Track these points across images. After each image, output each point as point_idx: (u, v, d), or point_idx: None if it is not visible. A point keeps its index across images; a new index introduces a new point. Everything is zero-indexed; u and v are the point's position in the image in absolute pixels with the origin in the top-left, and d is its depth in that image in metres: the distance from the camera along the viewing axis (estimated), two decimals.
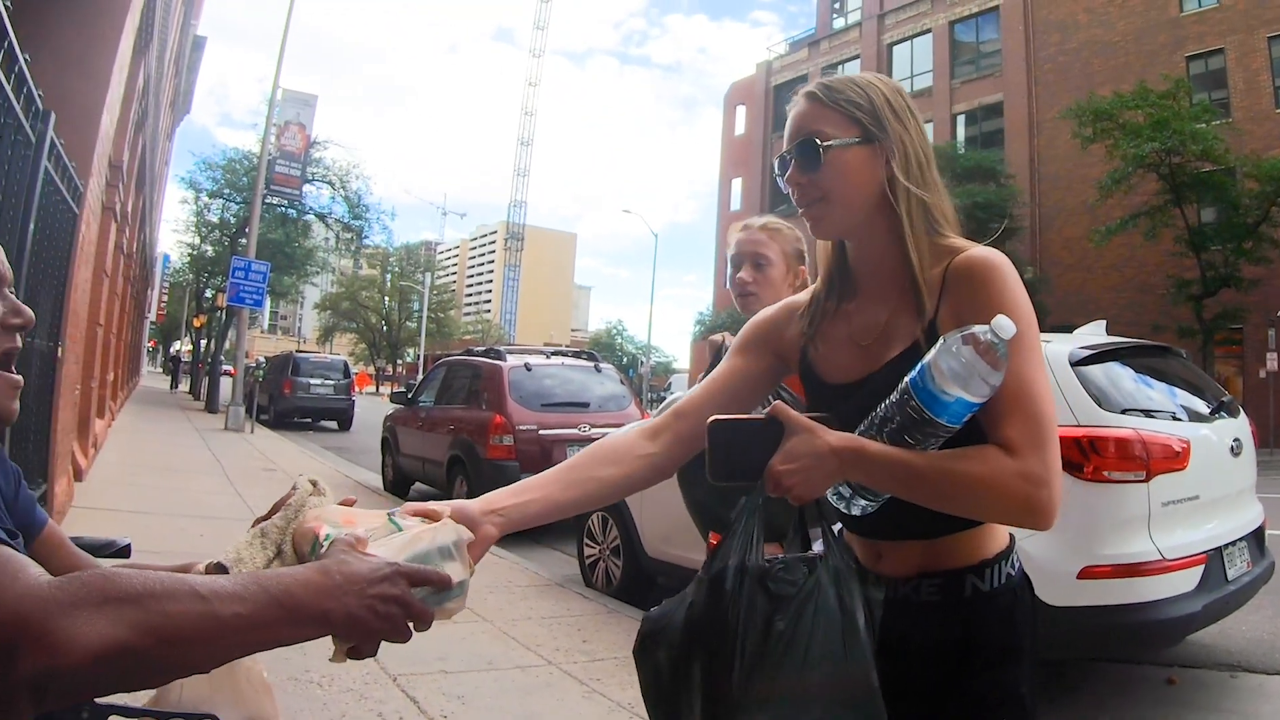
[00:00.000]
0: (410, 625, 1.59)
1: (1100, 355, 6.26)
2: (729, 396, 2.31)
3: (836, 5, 62.65)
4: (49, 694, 1.23)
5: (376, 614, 1.50)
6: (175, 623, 1.31)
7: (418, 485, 15.95)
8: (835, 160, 2.06)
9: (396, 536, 1.74)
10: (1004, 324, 1.71)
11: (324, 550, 1.60)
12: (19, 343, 1.70)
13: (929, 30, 51.65)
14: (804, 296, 2.36)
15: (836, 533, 2.04)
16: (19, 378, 1.68)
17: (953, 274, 1.98)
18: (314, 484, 1.85)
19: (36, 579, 1.25)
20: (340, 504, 1.83)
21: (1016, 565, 2.11)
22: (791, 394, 3.47)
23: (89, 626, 1.24)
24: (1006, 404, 1.81)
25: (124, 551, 2.67)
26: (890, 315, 2.08)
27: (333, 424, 34.97)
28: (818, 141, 2.06)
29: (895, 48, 53.73)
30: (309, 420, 34.75)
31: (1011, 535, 2.13)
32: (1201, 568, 5.75)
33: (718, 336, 3.57)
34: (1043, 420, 1.83)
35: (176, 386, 50.39)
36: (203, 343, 47.69)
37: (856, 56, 55.60)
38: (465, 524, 1.91)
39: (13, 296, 1.73)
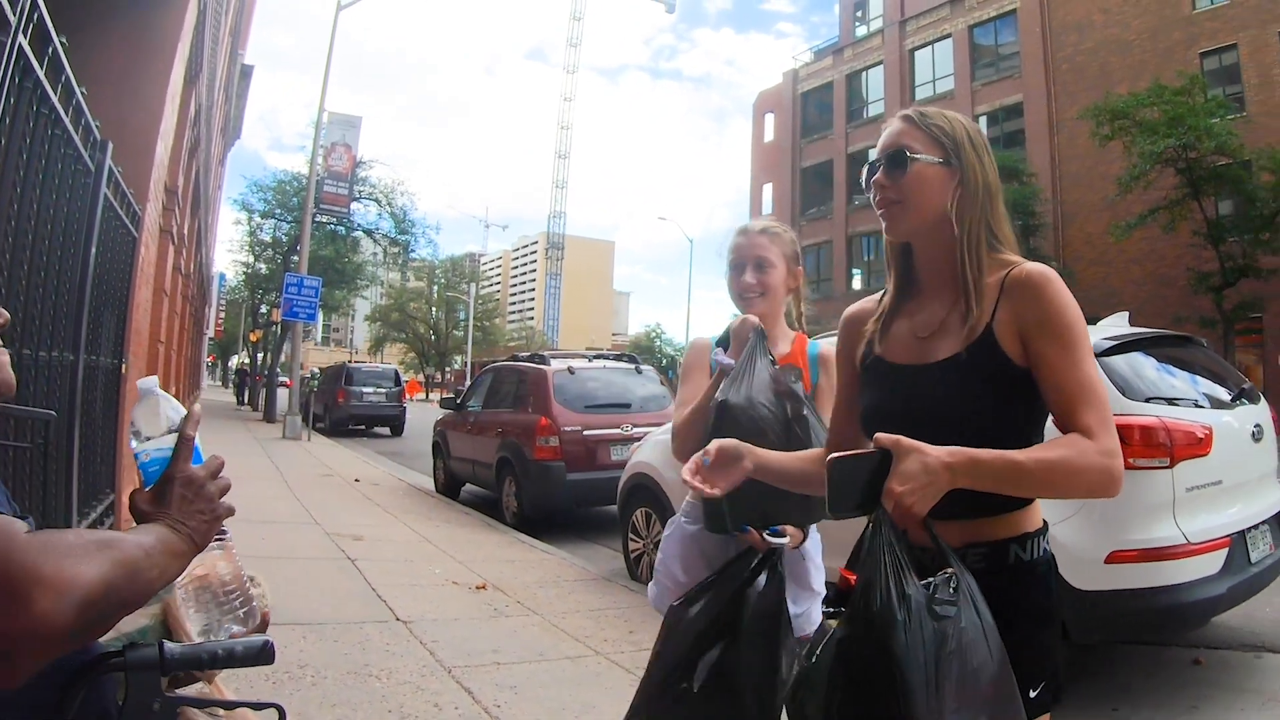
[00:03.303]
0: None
1: (1124, 346, 6.22)
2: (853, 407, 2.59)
3: (859, 14, 62.34)
4: (52, 641, 1.30)
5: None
6: (133, 558, 1.46)
7: (468, 486, 15.99)
8: (917, 172, 2.36)
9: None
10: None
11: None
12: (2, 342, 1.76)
13: (949, 35, 51.28)
14: (867, 304, 2.66)
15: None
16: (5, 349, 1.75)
17: (1010, 282, 2.27)
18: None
19: (28, 532, 1.31)
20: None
21: (1048, 543, 2.37)
22: (796, 369, 3.50)
23: (85, 565, 1.34)
24: (1079, 395, 2.13)
25: None
26: (947, 314, 2.37)
27: (385, 430, 35.00)
28: (907, 153, 2.37)
29: (917, 53, 53.32)
30: (363, 427, 34.69)
31: (1044, 517, 2.38)
32: (1225, 551, 5.72)
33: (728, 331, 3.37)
34: (1106, 405, 2.15)
35: (243, 401, 50.53)
36: (259, 356, 48.00)
37: (880, 63, 55.36)
38: (731, 454, 2.54)
39: None
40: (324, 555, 9.51)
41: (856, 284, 55.57)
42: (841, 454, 2.10)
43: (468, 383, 22.14)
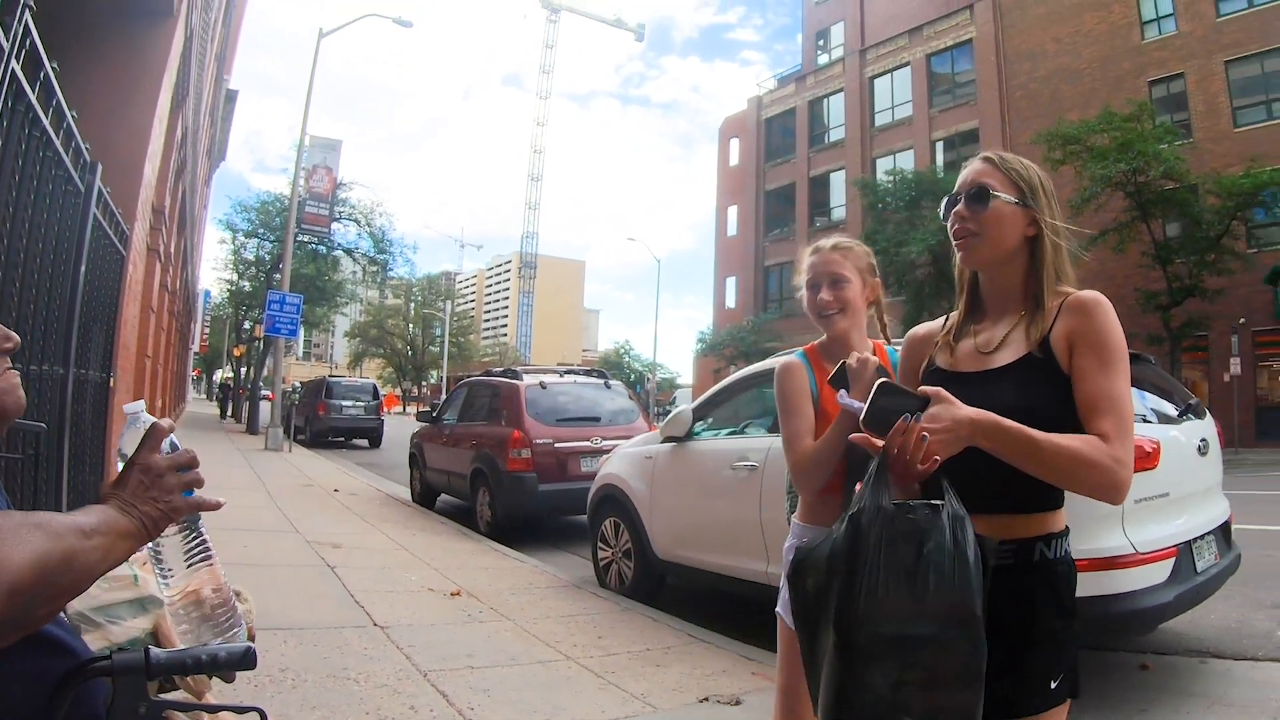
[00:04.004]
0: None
1: None
2: None
3: (820, 43, 62.92)
4: None
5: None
6: (69, 538, 1.46)
7: (444, 496, 15.96)
8: (996, 209, 2.51)
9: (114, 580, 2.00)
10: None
11: None
12: (9, 364, 1.74)
13: (908, 64, 51.78)
14: (932, 326, 2.81)
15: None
16: (15, 370, 1.75)
17: (1069, 302, 2.47)
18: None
19: None
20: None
21: (1069, 545, 2.56)
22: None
23: (13, 549, 1.33)
24: (1103, 405, 2.30)
25: None
26: (1009, 332, 2.52)
27: (364, 442, 34.95)
28: (990, 190, 2.52)
29: (876, 80, 53.81)
30: (342, 439, 34.72)
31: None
32: (1172, 560, 5.76)
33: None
34: (1127, 420, 2.32)
35: (227, 414, 50.32)
36: (243, 370, 47.86)
37: (841, 90, 55.88)
38: None
39: (0, 325, 1.78)
40: (304, 562, 9.47)
41: None
42: (889, 381, 2.34)
43: (443, 397, 22.12)
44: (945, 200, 2.64)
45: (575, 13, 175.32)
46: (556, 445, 12.84)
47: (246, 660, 1.82)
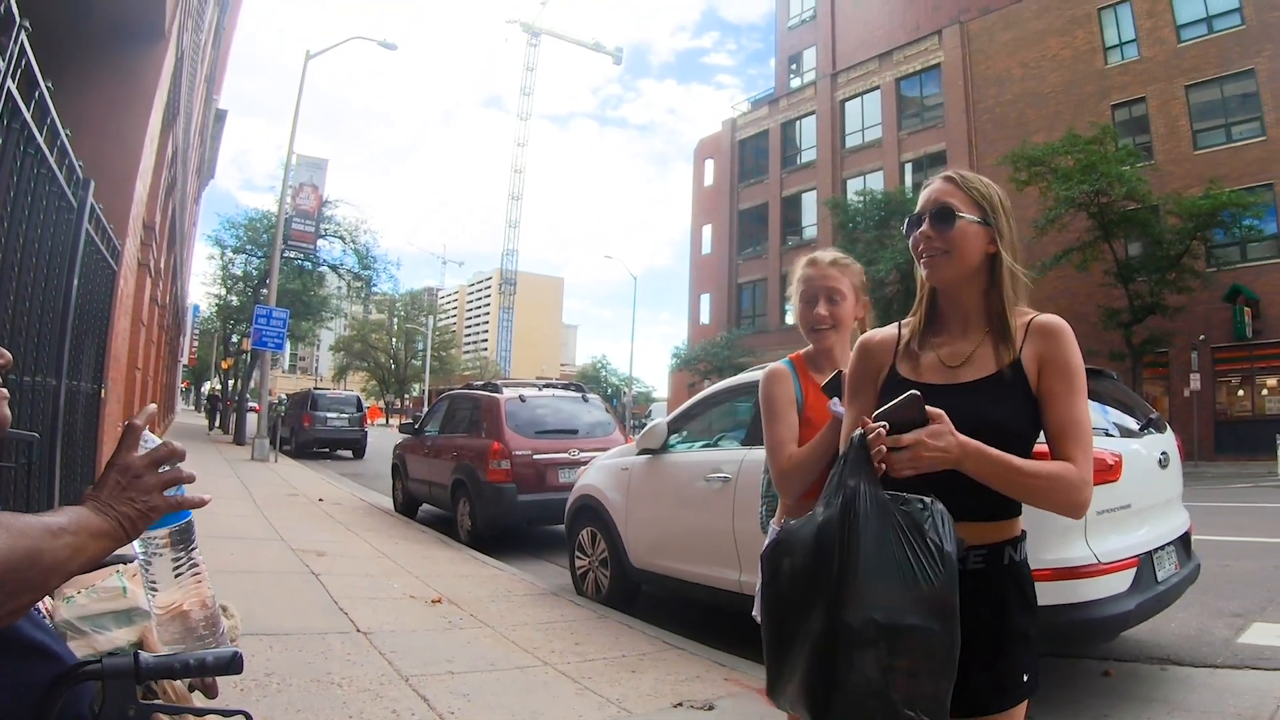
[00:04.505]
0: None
1: None
2: None
3: (793, 67, 63.36)
4: None
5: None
6: (33, 535, 1.45)
7: (425, 506, 15.92)
8: (961, 228, 2.53)
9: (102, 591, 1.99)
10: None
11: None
12: (2, 380, 1.74)
13: (878, 87, 51.99)
14: (885, 335, 2.77)
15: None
16: (4, 390, 1.73)
17: (1036, 325, 2.54)
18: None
19: None
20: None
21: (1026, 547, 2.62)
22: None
23: None
24: (1072, 430, 2.42)
25: None
26: (975, 349, 2.57)
27: (348, 453, 34.75)
28: (955, 210, 2.54)
29: (847, 104, 54.01)
30: (326, 450, 34.54)
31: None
32: (1134, 570, 5.78)
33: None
34: (1090, 441, 2.44)
35: (215, 425, 50.05)
36: (230, 383, 47.71)
37: (812, 112, 56.10)
38: None
39: None
40: (289, 570, 9.42)
41: (790, 318, 55.92)
42: (919, 397, 2.28)
43: (425, 409, 22.05)
44: (909, 218, 2.65)
45: (555, 36, 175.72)
46: (535, 457, 12.82)
47: (233, 665, 1.82)
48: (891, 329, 2.76)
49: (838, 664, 2.14)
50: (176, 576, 1.89)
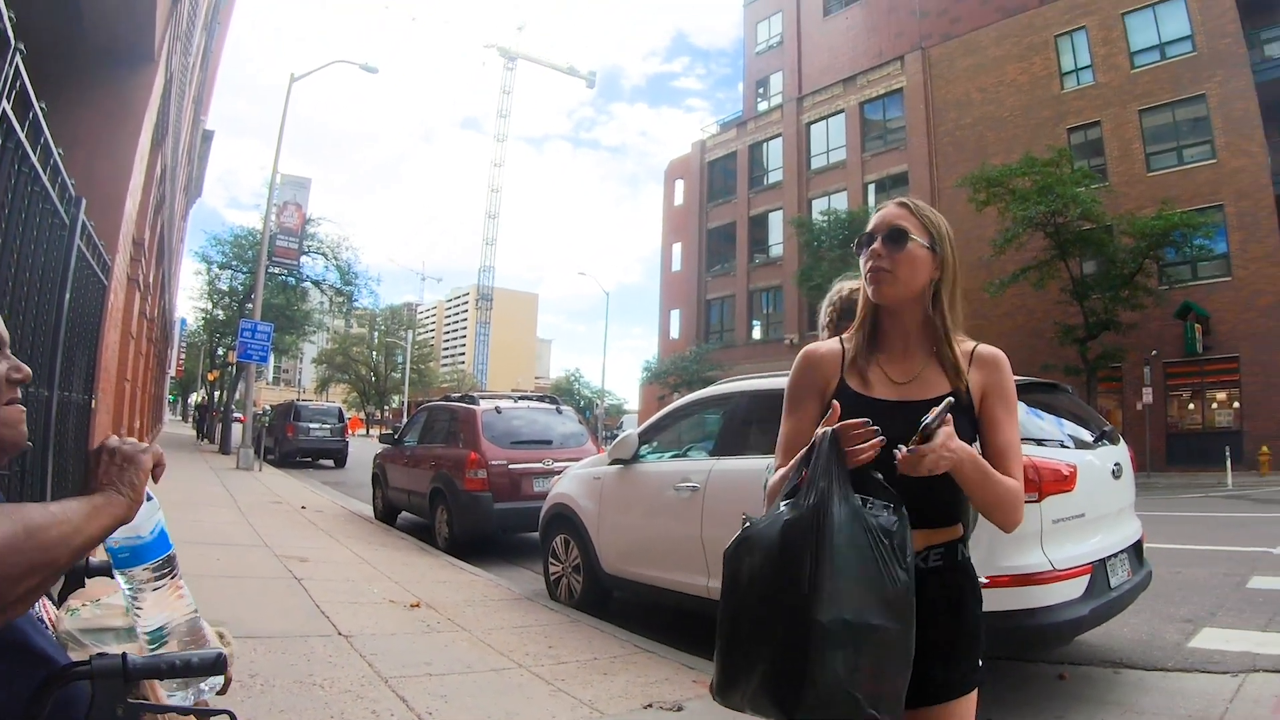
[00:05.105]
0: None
1: None
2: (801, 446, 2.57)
3: (760, 90, 63.55)
4: None
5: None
6: (30, 516, 1.48)
7: (404, 514, 15.84)
8: (911, 250, 2.59)
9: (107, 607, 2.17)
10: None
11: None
12: (19, 395, 1.76)
13: (842, 111, 52.17)
14: (827, 348, 2.77)
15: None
16: (23, 407, 1.75)
17: (980, 355, 2.65)
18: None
19: None
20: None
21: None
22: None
23: None
24: (1012, 453, 2.56)
25: None
26: (922, 370, 2.63)
27: (330, 462, 34.58)
28: (908, 233, 2.60)
29: (813, 126, 54.14)
30: (309, 459, 34.25)
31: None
32: (1088, 577, 5.82)
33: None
34: (1022, 460, 2.60)
35: (203, 435, 49.80)
36: (216, 394, 47.59)
37: (779, 135, 56.26)
38: None
39: (13, 356, 1.77)
40: (273, 575, 9.38)
41: (757, 333, 56.53)
42: (953, 404, 2.36)
43: (405, 420, 22.02)
44: (860, 237, 2.69)
45: (531, 61, 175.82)
46: (511, 466, 12.81)
47: (218, 666, 1.85)
48: (833, 343, 2.78)
49: (809, 661, 2.13)
50: (154, 589, 1.91)
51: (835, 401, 2.46)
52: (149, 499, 1.87)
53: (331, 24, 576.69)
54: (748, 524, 2.41)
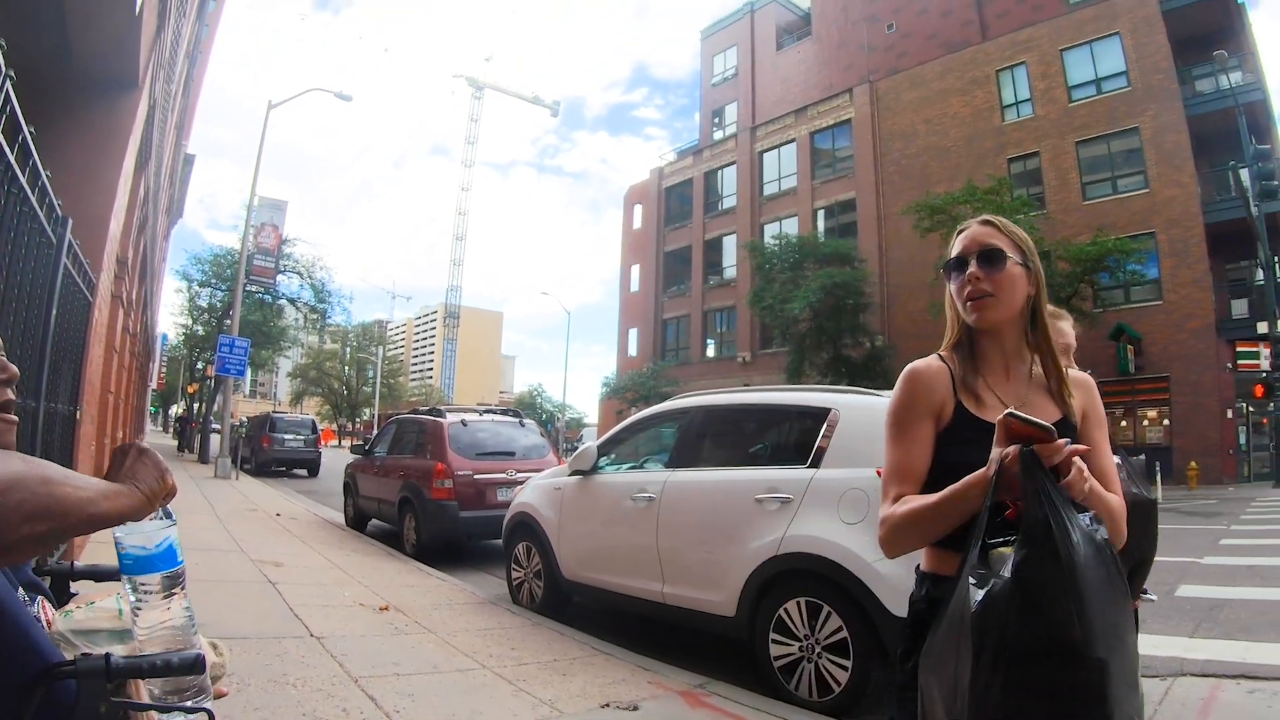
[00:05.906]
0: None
1: None
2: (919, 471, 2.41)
3: (716, 120, 63.99)
4: None
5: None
6: (48, 470, 1.51)
7: (374, 521, 15.78)
8: (1010, 269, 2.41)
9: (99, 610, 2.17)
10: None
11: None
12: (11, 395, 1.75)
13: (793, 140, 52.48)
14: (934, 367, 2.49)
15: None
16: (14, 417, 1.78)
17: (1076, 382, 2.51)
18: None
19: None
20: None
21: None
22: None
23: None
24: (1110, 476, 2.38)
25: None
26: (1028, 394, 2.43)
27: (303, 472, 34.48)
28: (1003, 251, 2.42)
29: (765, 154, 54.45)
30: (284, 469, 34.14)
31: None
32: None
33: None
34: (1119, 483, 2.43)
35: (183, 446, 49.41)
36: (195, 406, 47.23)
37: (733, 162, 56.57)
38: None
39: (2, 356, 1.77)
40: (248, 579, 9.31)
41: (711, 351, 56.80)
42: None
43: (375, 432, 21.96)
44: (948, 261, 2.52)
45: (497, 90, 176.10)
46: (476, 476, 12.81)
47: (196, 666, 1.86)
48: (936, 361, 2.52)
49: (1107, 702, 1.84)
50: (162, 598, 1.92)
51: (1007, 419, 2.06)
52: (168, 516, 1.93)
53: (308, 55, 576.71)
54: (973, 583, 1.96)
